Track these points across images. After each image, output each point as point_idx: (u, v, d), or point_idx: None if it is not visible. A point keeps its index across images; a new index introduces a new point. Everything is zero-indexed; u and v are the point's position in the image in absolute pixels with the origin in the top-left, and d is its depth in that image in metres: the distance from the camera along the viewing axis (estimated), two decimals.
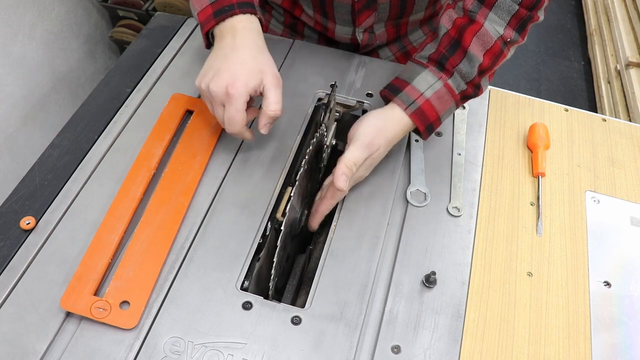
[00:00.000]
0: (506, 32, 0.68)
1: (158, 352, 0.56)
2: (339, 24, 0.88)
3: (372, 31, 0.89)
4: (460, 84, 0.69)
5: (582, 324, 0.63)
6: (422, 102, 0.69)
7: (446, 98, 0.69)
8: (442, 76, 0.69)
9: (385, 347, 0.59)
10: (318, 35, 0.95)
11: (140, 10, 1.82)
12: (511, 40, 0.68)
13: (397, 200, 0.73)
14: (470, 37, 0.67)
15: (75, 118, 0.79)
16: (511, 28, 0.68)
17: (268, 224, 0.66)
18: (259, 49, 0.68)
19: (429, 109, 0.69)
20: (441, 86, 0.69)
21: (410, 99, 0.69)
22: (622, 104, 2.07)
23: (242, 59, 0.66)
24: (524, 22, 0.68)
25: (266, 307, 0.61)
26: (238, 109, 0.65)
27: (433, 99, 0.69)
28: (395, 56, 0.96)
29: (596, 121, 0.87)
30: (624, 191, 0.77)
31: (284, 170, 0.74)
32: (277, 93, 0.66)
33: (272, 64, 0.68)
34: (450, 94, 0.69)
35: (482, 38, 0.67)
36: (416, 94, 0.69)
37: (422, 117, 0.69)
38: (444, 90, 0.69)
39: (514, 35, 0.68)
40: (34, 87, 1.56)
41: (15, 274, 0.61)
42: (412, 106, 0.69)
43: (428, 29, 0.94)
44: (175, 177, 0.71)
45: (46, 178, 0.71)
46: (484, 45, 0.67)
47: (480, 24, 0.67)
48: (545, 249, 0.69)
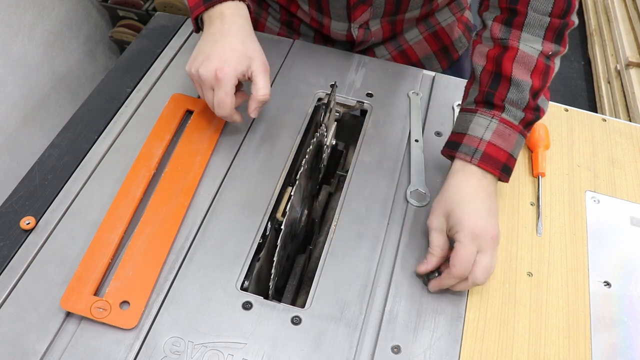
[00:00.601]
0: (545, 46, 0.65)
1: (158, 352, 0.56)
2: (334, 19, 0.88)
3: (367, 27, 0.89)
4: (517, 114, 0.65)
5: (582, 324, 0.63)
6: (484, 147, 0.65)
7: (508, 133, 0.65)
8: (495, 113, 0.65)
9: (385, 347, 0.59)
10: (314, 33, 0.95)
11: (140, 10, 1.82)
12: (553, 53, 0.66)
13: (397, 200, 0.73)
14: (510, 65, 0.65)
15: (75, 118, 0.79)
16: (549, 41, 0.66)
17: (268, 224, 0.66)
18: (247, 35, 0.70)
19: (495, 151, 0.64)
20: (497, 124, 0.65)
21: (473, 148, 0.65)
22: (622, 104, 2.07)
23: (231, 44, 0.67)
24: (560, 32, 0.66)
25: (266, 307, 0.61)
26: (227, 93, 0.67)
27: (494, 139, 0.65)
28: (391, 55, 0.96)
29: (596, 121, 0.87)
30: (624, 191, 0.77)
31: (284, 170, 0.74)
32: (265, 78, 0.69)
33: (260, 51, 0.70)
34: (510, 127, 0.65)
35: (522, 61, 0.65)
36: (476, 141, 0.65)
37: (490, 162, 0.64)
38: (502, 127, 0.65)
39: (554, 48, 0.66)
40: (34, 87, 1.56)
41: (15, 274, 0.61)
42: (476, 154, 0.65)
43: (424, 28, 0.94)
44: (175, 177, 0.71)
45: (46, 178, 0.71)
46: (527, 67, 0.65)
47: (516, 48, 0.65)
48: (545, 249, 0.69)
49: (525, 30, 0.65)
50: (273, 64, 0.79)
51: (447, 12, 0.94)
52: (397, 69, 0.89)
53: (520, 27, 0.65)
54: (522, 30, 0.65)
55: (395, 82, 0.87)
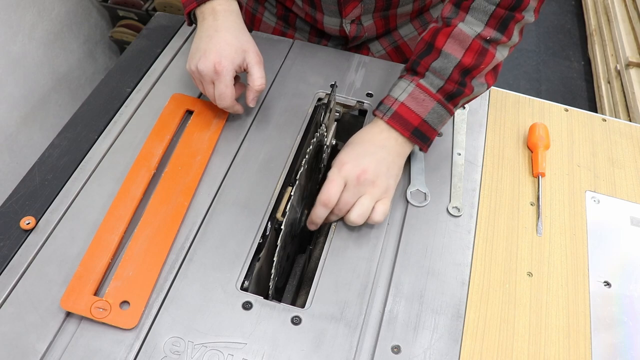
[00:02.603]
0: (485, 30, 0.67)
1: (158, 352, 0.56)
2: (326, 14, 0.88)
3: (360, 23, 0.89)
4: (435, 81, 0.68)
5: (582, 324, 0.63)
6: (397, 106, 0.69)
7: (422, 98, 0.69)
8: (414, 79, 0.69)
9: (385, 347, 0.59)
10: (310, 27, 0.95)
11: (140, 10, 1.82)
12: (492, 39, 0.68)
13: (397, 200, 0.73)
14: (444, 38, 0.68)
15: (75, 118, 0.79)
16: (490, 27, 0.67)
17: (268, 224, 0.66)
18: (239, 29, 0.74)
19: (406, 112, 0.69)
20: (414, 87, 0.69)
21: (387, 107, 0.70)
22: (622, 104, 2.07)
23: (225, 39, 0.71)
24: (504, 22, 0.67)
25: (266, 307, 0.61)
26: (227, 85, 0.71)
27: (408, 101, 0.69)
28: (386, 51, 0.96)
29: (596, 121, 0.87)
30: (624, 191, 0.77)
31: (284, 170, 0.74)
32: (260, 69, 0.73)
33: (253, 43, 0.74)
34: (426, 93, 0.69)
35: (457, 37, 0.67)
36: (391, 101, 0.70)
37: (400, 121, 0.69)
38: (417, 91, 0.69)
39: (494, 34, 0.67)
40: (34, 87, 1.56)
41: (15, 274, 0.61)
42: (388, 112, 0.69)
43: (419, 24, 0.94)
44: (175, 177, 0.71)
45: (46, 178, 0.71)
46: (462, 43, 0.67)
47: (455, 25, 0.68)
48: (545, 249, 0.69)
49: (470, 13, 0.67)
50: (273, 64, 0.79)
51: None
52: (397, 69, 0.89)
53: (466, 10, 0.68)
54: (467, 13, 0.68)
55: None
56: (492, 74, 0.72)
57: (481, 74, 0.69)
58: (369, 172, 0.66)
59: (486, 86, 0.71)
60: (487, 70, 0.70)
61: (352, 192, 0.66)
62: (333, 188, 0.65)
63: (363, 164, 0.67)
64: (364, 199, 0.66)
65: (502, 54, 0.70)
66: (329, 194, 0.65)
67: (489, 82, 0.71)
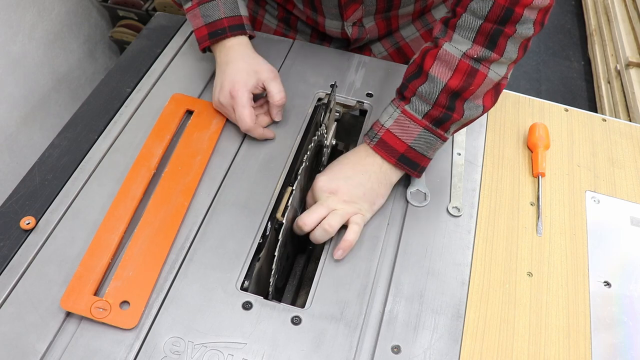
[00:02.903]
0: (472, 49, 0.64)
1: (158, 352, 0.56)
2: (327, 17, 0.88)
3: (361, 25, 0.89)
4: (421, 107, 0.67)
5: (582, 324, 0.63)
6: (382, 133, 0.69)
7: (407, 124, 0.67)
8: (401, 104, 0.68)
9: (385, 347, 0.59)
10: (311, 30, 0.95)
11: (140, 10, 1.82)
12: (481, 57, 0.64)
13: (397, 200, 0.73)
14: (431, 61, 0.66)
15: (75, 118, 0.79)
16: (478, 45, 0.64)
17: (268, 224, 0.66)
18: (249, 55, 0.77)
19: (391, 138, 0.68)
20: (399, 114, 0.68)
21: (374, 132, 0.70)
22: (622, 104, 2.07)
23: (235, 67, 0.75)
24: (492, 37, 0.63)
25: (266, 307, 0.61)
26: (243, 105, 0.73)
27: (393, 127, 0.68)
28: (388, 52, 0.96)
29: (596, 121, 0.87)
30: (624, 191, 0.77)
31: (284, 170, 0.74)
32: (277, 83, 0.76)
33: (264, 62, 0.77)
34: (411, 119, 0.67)
35: (443, 59, 0.65)
36: (378, 127, 0.70)
37: (385, 148, 0.68)
38: (402, 118, 0.68)
39: (482, 52, 0.63)
40: (34, 87, 1.56)
41: (15, 274, 0.61)
42: (374, 139, 0.69)
43: (421, 25, 0.94)
44: (175, 177, 0.71)
45: (46, 178, 0.71)
46: (448, 65, 0.65)
47: (440, 46, 0.65)
48: (545, 249, 0.69)
49: (457, 31, 0.65)
50: (273, 64, 0.79)
51: (444, 9, 0.94)
52: (397, 69, 0.89)
53: (454, 28, 0.65)
54: (455, 32, 0.65)
55: (395, 82, 0.87)
56: (492, 95, 0.68)
57: (474, 95, 0.66)
58: (340, 193, 0.67)
59: (482, 109, 0.68)
60: (483, 92, 0.66)
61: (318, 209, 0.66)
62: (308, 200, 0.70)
63: (336, 185, 0.67)
64: (331, 217, 0.65)
65: (498, 72, 0.65)
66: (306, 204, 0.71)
67: (487, 104, 0.68)
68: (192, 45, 0.91)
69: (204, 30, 0.78)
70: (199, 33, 0.78)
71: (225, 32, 0.77)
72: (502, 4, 0.61)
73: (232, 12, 0.78)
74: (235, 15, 0.78)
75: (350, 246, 0.65)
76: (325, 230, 0.65)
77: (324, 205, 0.66)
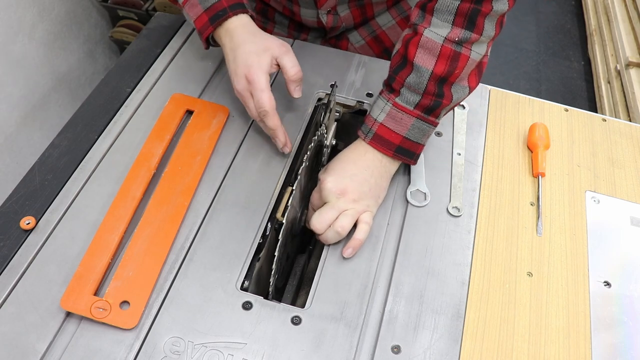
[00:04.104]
0: (452, 32, 0.64)
1: (158, 352, 0.56)
2: (302, 6, 0.88)
3: (336, 13, 0.89)
4: (411, 98, 0.67)
5: (582, 324, 0.63)
6: (376, 127, 0.69)
7: (400, 116, 0.68)
8: (391, 97, 0.69)
9: (385, 347, 0.59)
10: (288, 21, 0.95)
11: (140, 10, 1.82)
12: (462, 39, 0.65)
13: (397, 200, 0.73)
14: (414, 49, 0.66)
15: (75, 118, 0.79)
16: (458, 27, 0.64)
17: (268, 224, 0.66)
18: (255, 34, 0.72)
19: (386, 132, 0.68)
20: (390, 107, 0.68)
21: (368, 127, 0.70)
22: (622, 104, 2.07)
23: (245, 50, 0.70)
24: (471, 17, 0.64)
25: (266, 307, 0.61)
26: (262, 89, 0.68)
27: (387, 121, 0.68)
28: (365, 41, 0.96)
29: (596, 121, 0.87)
30: (624, 191, 0.77)
31: (284, 170, 0.74)
32: (290, 57, 0.71)
33: (273, 37, 0.72)
34: (403, 111, 0.68)
35: (425, 46, 0.65)
36: (371, 121, 0.70)
37: (381, 142, 0.69)
38: (394, 110, 0.68)
39: (463, 34, 0.64)
40: (34, 87, 1.56)
41: (15, 274, 0.61)
42: (369, 134, 0.70)
43: (396, 13, 0.94)
44: (175, 177, 0.71)
45: (46, 178, 0.71)
46: (431, 52, 0.65)
47: (421, 33, 0.65)
48: (545, 249, 0.69)
49: (435, 15, 0.65)
50: None
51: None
52: None
53: (432, 12, 0.65)
54: (433, 15, 0.65)
55: None
56: (475, 74, 0.69)
57: (459, 78, 0.67)
58: (349, 193, 0.67)
59: (468, 89, 0.69)
60: (467, 73, 0.67)
61: (329, 211, 0.66)
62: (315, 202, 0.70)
63: (344, 185, 0.67)
64: (343, 218, 0.65)
65: (479, 52, 0.67)
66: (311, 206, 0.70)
67: (472, 84, 0.69)
68: (192, 45, 0.91)
69: (204, 17, 0.74)
70: (200, 22, 0.74)
71: (227, 12, 0.73)
72: None
73: None
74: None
75: (360, 245, 0.65)
76: (337, 233, 0.65)
77: (335, 207, 0.66)
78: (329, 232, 0.65)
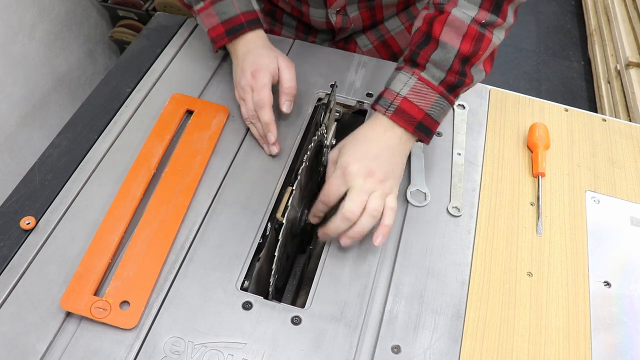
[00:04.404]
0: (480, 14, 0.66)
1: (158, 352, 0.56)
2: (312, 6, 0.88)
3: (345, 13, 0.89)
4: (437, 74, 0.67)
5: (582, 324, 0.63)
6: (399, 101, 0.67)
7: (425, 91, 0.67)
8: (415, 71, 0.68)
9: (385, 347, 0.59)
10: (297, 22, 0.95)
11: (140, 10, 1.82)
12: (488, 22, 0.66)
13: (398, 200, 0.72)
14: (440, 27, 0.66)
15: (75, 118, 0.79)
16: (485, 10, 0.66)
17: (268, 224, 0.66)
18: (268, 46, 0.78)
19: (409, 107, 0.67)
20: (415, 81, 0.67)
21: (388, 101, 0.68)
22: (622, 104, 2.07)
23: (257, 53, 0.76)
24: (497, 3, 0.66)
25: (266, 307, 0.61)
26: (264, 84, 0.72)
27: (410, 95, 0.67)
28: (373, 45, 0.96)
29: (596, 121, 0.87)
30: (624, 191, 0.77)
31: (284, 170, 0.74)
32: (291, 72, 0.76)
33: (282, 53, 0.78)
34: (428, 86, 0.67)
35: (452, 25, 0.66)
36: (393, 95, 0.68)
37: (404, 116, 0.67)
38: (419, 84, 0.67)
39: (489, 17, 0.66)
40: (34, 87, 1.56)
41: (15, 274, 0.61)
42: (390, 107, 0.67)
43: (405, 18, 0.94)
44: (175, 177, 0.71)
45: (46, 178, 0.71)
46: (458, 31, 0.66)
47: (448, 12, 0.66)
48: (545, 249, 0.69)
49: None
50: None
51: None
52: None
53: None
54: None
55: None
56: (490, 60, 0.70)
57: (479, 60, 0.68)
58: (376, 174, 0.65)
59: (484, 73, 0.70)
60: (485, 56, 0.69)
61: (360, 194, 0.63)
62: (333, 189, 0.65)
63: (370, 166, 0.65)
64: (375, 200, 0.63)
65: (499, 37, 0.68)
66: (328, 195, 0.65)
67: (487, 68, 0.70)
68: (192, 46, 0.91)
69: (220, 28, 0.77)
70: (215, 32, 0.78)
71: (244, 28, 0.77)
72: None
73: (247, 7, 0.78)
74: (250, 10, 0.78)
75: (389, 230, 0.64)
76: (373, 217, 0.63)
77: (364, 189, 0.64)
78: (363, 218, 0.63)
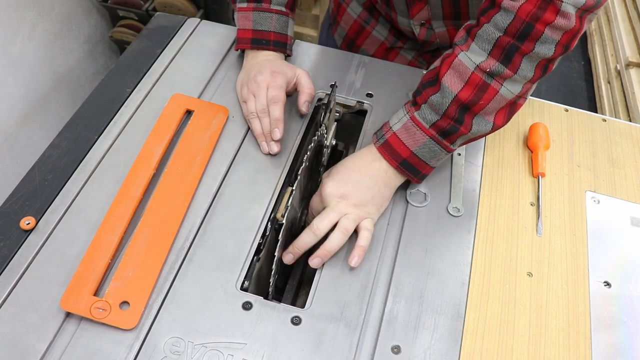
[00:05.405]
0: (486, 62, 0.62)
1: (158, 352, 0.56)
2: (398, 14, 0.89)
3: (430, 27, 0.88)
4: (429, 116, 0.66)
5: (582, 324, 0.63)
6: (389, 135, 0.69)
7: (414, 131, 0.67)
8: (411, 109, 0.68)
9: (385, 347, 0.59)
10: (390, 26, 0.95)
11: (140, 10, 1.82)
12: (494, 72, 0.62)
13: (397, 200, 0.73)
14: (445, 69, 0.65)
15: (75, 118, 0.79)
16: (493, 58, 0.62)
17: (268, 224, 0.66)
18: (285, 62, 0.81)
19: (396, 143, 0.68)
20: (407, 119, 0.68)
21: (382, 133, 0.70)
22: (622, 104, 2.07)
23: (276, 62, 0.79)
24: (508, 53, 0.61)
25: (266, 307, 0.61)
26: (281, 86, 0.75)
27: (400, 132, 0.68)
28: None
29: (596, 121, 0.87)
30: (624, 191, 0.77)
31: (284, 170, 0.74)
32: (309, 79, 0.79)
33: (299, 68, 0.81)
34: (418, 127, 0.67)
35: (456, 69, 0.64)
36: (387, 128, 0.70)
37: (390, 151, 0.68)
38: (410, 124, 0.67)
39: (496, 67, 0.62)
40: (34, 87, 1.56)
41: (15, 274, 0.61)
42: (381, 139, 0.70)
43: None
44: (175, 177, 0.71)
45: (46, 178, 0.71)
46: (461, 76, 0.63)
47: (456, 54, 0.64)
48: (545, 249, 0.69)
49: (475, 41, 0.63)
50: None
51: None
52: (397, 69, 0.89)
53: (473, 37, 0.63)
54: (473, 41, 0.63)
55: (395, 82, 0.87)
56: (505, 113, 0.66)
57: (484, 111, 0.64)
58: (350, 198, 0.67)
59: (492, 126, 0.66)
60: (495, 108, 0.65)
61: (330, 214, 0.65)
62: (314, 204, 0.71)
63: (346, 190, 0.67)
64: (345, 220, 0.65)
65: (511, 90, 0.63)
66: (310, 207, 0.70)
67: (498, 122, 0.66)
68: (192, 46, 0.91)
69: (250, 33, 0.81)
70: (244, 34, 0.81)
71: (269, 45, 0.81)
72: (523, 18, 0.59)
73: (281, 30, 0.82)
74: (283, 34, 0.82)
75: (364, 252, 0.65)
76: (342, 234, 0.64)
77: (335, 210, 0.66)
78: (333, 234, 0.64)
